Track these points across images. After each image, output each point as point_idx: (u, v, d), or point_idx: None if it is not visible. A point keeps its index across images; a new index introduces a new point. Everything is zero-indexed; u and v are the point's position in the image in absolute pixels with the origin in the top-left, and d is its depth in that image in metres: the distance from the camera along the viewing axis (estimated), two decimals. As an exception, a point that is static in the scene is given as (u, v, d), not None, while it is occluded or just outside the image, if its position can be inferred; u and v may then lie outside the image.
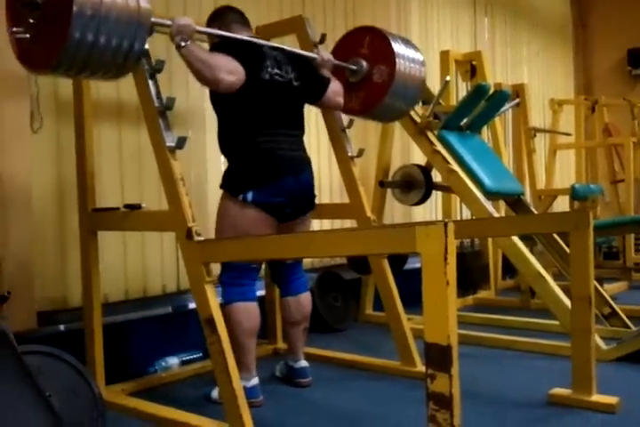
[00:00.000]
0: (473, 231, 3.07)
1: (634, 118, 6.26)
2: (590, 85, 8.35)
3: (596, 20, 8.34)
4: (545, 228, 3.00)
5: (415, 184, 3.93)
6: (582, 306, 2.48)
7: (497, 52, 6.57)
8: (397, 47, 2.90)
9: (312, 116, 4.13)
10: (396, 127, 3.95)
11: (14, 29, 2.00)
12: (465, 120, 3.77)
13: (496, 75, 5.92)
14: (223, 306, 2.48)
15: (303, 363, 2.88)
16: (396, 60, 2.87)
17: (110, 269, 3.02)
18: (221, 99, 2.54)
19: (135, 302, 3.20)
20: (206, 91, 3.54)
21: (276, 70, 2.59)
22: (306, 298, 2.87)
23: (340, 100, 2.84)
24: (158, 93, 2.27)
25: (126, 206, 2.52)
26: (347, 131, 3.06)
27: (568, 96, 7.34)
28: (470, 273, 4.91)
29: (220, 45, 2.50)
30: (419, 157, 4.35)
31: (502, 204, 4.37)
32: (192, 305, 3.01)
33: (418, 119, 3.55)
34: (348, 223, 3.14)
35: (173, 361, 3.10)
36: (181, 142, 2.24)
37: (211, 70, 2.29)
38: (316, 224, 4.05)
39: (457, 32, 5.96)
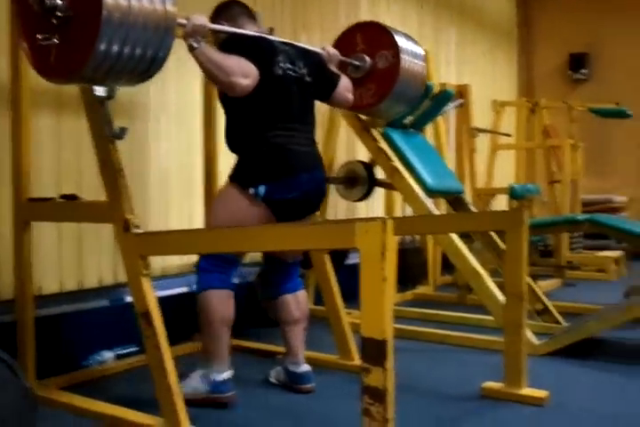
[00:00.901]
0: (413, 228, 3.11)
1: (572, 121, 6.44)
2: (532, 87, 8.55)
3: (540, 22, 8.52)
4: (482, 226, 3.07)
5: (358, 180, 3.97)
6: (515, 302, 2.55)
7: (442, 52, 6.66)
8: (396, 34, 3.05)
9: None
10: (342, 124, 3.97)
11: (39, 36, 1.90)
12: (409, 118, 3.82)
13: (441, 74, 6.00)
14: (198, 292, 2.47)
15: (305, 367, 2.72)
16: (398, 44, 3.00)
17: (44, 260, 2.95)
18: (232, 97, 2.44)
19: (70, 294, 3.13)
20: (150, 82, 3.54)
21: (289, 65, 2.53)
22: (304, 296, 2.81)
23: (351, 96, 2.80)
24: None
25: (62, 197, 2.47)
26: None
27: (511, 97, 7.51)
28: (410, 269, 4.98)
29: (229, 42, 2.44)
30: (363, 154, 4.39)
31: (443, 202, 4.44)
32: (129, 298, 2.96)
33: (363, 116, 3.57)
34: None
35: (108, 355, 3.04)
36: (122, 132, 2.19)
37: (225, 74, 2.25)
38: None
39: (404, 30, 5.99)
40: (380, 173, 4.01)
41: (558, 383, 2.72)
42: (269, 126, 2.47)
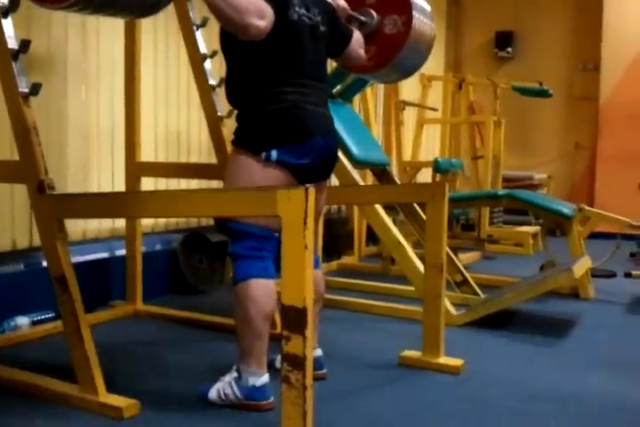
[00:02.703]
0: (338, 198, 3.13)
1: (496, 98, 6.56)
2: (459, 64, 8.65)
3: (469, 0, 8.61)
4: (405, 197, 3.11)
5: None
6: (434, 273, 2.59)
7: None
8: None
9: (183, 73, 4.02)
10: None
11: None
12: (337, 88, 3.79)
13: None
14: (237, 282, 2.12)
15: (319, 352, 2.44)
16: (412, 9, 2.65)
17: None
18: (237, 41, 2.11)
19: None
20: (69, 38, 3.40)
21: (304, 11, 2.22)
22: (320, 275, 2.46)
23: (363, 52, 2.53)
24: (13, 34, 2.10)
25: (-27, 155, 2.35)
26: (216, 90, 2.98)
27: (438, 72, 7.57)
28: (335, 239, 5.01)
29: None
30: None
31: (369, 173, 4.46)
32: (45, 263, 2.87)
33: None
34: (215, 184, 3.10)
35: (23, 321, 2.95)
36: (36, 89, 2.09)
37: (239, 14, 1.97)
38: (183, 184, 3.96)
39: None
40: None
41: (474, 352, 2.79)
42: (280, 80, 2.17)
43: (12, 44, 2.09)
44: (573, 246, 4.04)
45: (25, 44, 2.10)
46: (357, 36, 2.51)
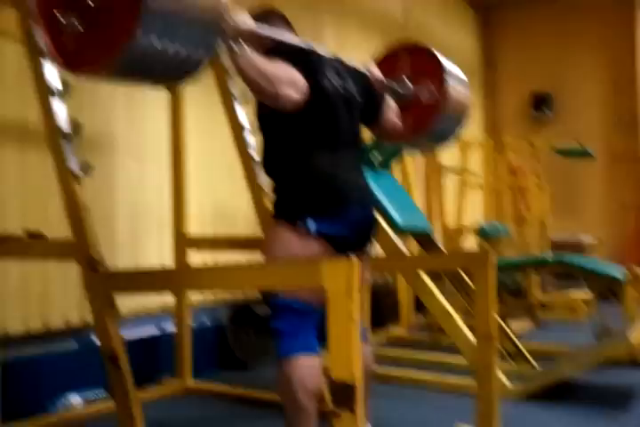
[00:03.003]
0: (383, 267, 3.11)
1: (537, 161, 6.54)
2: (497, 126, 8.70)
3: (504, 63, 8.73)
4: (451, 265, 3.07)
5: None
6: (486, 344, 2.52)
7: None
8: (446, 63, 2.74)
9: (227, 146, 4.12)
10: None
11: (63, 20, 1.66)
12: (377, 157, 3.85)
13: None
14: (281, 359, 2.07)
15: None
16: (447, 78, 2.67)
17: (9, 300, 2.88)
18: (271, 111, 2.12)
19: (36, 335, 3.05)
20: (117, 115, 3.54)
21: (338, 80, 2.22)
22: (369, 349, 2.37)
23: (399, 122, 2.52)
24: (65, 117, 2.20)
25: (28, 234, 2.42)
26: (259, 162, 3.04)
27: (477, 137, 7.62)
28: (382, 310, 4.94)
29: (273, 49, 2.13)
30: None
31: (412, 240, 4.44)
32: (96, 340, 2.89)
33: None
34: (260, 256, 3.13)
35: (75, 399, 2.95)
36: (87, 168, 2.17)
37: (271, 84, 1.97)
38: (230, 256, 4.00)
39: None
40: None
41: None
42: (315, 151, 2.16)
43: (65, 126, 2.18)
44: (628, 311, 3.91)
45: (77, 126, 2.20)
46: (393, 106, 2.51)
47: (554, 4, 8.18)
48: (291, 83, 2.03)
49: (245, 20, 1.96)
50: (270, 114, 2.13)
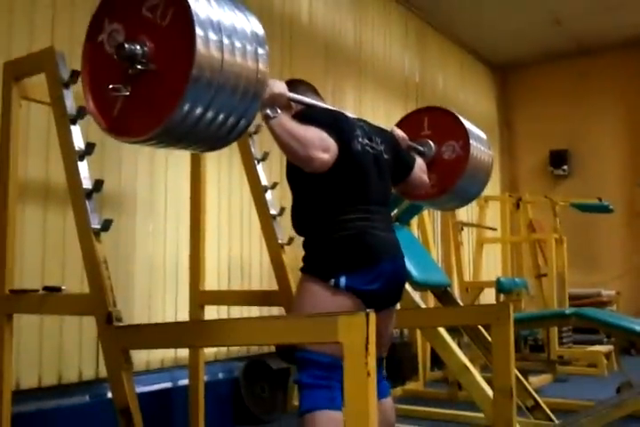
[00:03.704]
0: (400, 322, 3.08)
1: (555, 215, 6.54)
2: (515, 183, 8.75)
3: (520, 122, 8.86)
4: (469, 320, 3.05)
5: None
6: (504, 398, 2.48)
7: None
8: (467, 124, 2.82)
9: (245, 203, 4.18)
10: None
11: (111, 86, 1.72)
12: (395, 212, 3.87)
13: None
14: (304, 414, 2.04)
15: None
16: (469, 137, 2.75)
17: (23, 352, 2.89)
18: (303, 172, 2.15)
19: (49, 389, 3.04)
20: (138, 175, 3.62)
21: (367, 141, 2.30)
22: (391, 404, 2.35)
23: (426, 178, 2.58)
24: (87, 175, 2.26)
25: (45, 288, 2.44)
26: (277, 218, 3.09)
27: (494, 193, 7.66)
28: (399, 364, 4.88)
29: (306, 114, 2.20)
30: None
31: (430, 295, 4.42)
32: (109, 394, 2.88)
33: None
34: (276, 310, 3.13)
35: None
36: (107, 225, 2.21)
37: (303, 147, 2.03)
38: (245, 311, 4.00)
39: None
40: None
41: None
42: (346, 208, 2.20)
43: (87, 184, 2.24)
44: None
45: (98, 184, 2.25)
46: (420, 163, 2.58)
47: (570, 63, 8.33)
48: (322, 146, 2.08)
49: (281, 87, 2.07)
50: (302, 173, 2.17)
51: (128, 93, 1.72)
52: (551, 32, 7.62)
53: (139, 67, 1.68)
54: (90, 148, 2.28)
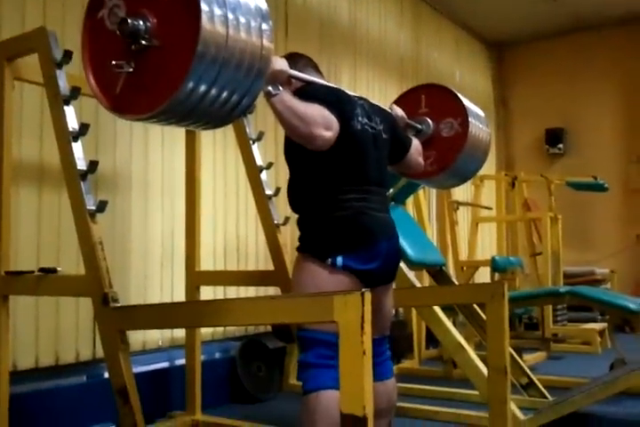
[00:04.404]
0: (396, 301, 3.10)
1: (550, 194, 6.55)
2: (511, 162, 8.74)
3: (516, 100, 8.83)
4: (463, 298, 3.07)
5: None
6: (498, 376, 2.51)
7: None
8: (465, 101, 2.80)
9: (240, 183, 4.18)
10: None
11: (114, 63, 1.68)
12: (390, 192, 3.86)
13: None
14: (308, 393, 2.04)
15: None
16: (467, 112, 2.75)
17: (20, 334, 2.90)
18: (302, 149, 2.14)
19: (46, 369, 3.06)
20: (133, 156, 3.61)
21: (366, 120, 2.28)
22: (394, 385, 2.40)
23: (422, 160, 2.58)
24: (82, 156, 2.25)
25: (41, 270, 2.45)
26: (272, 199, 3.08)
27: (490, 171, 7.65)
28: (394, 343, 4.90)
29: (307, 91, 2.17)
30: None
31: (426, 275, 4.44)
32: (106, 374, 2.90)
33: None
34: (272, 291, 3.14)
35: (85, 434, 2.95)
36: (102, 206, 2.20)
37: (305, 124, 2.01)
38: (242, 291, 4.02)
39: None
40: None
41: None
42: (343, 187, 2.19)
43: (81, 165, 2.23)
44: (644, 343, 3.87)
45: (93, 165, 2.24)
46: (416, 144, 2.57)
47: (566, 40, 8.28)
48: (324, 123, 2.07)
49: (282, 64, 2.06)
50: (301, 151, 2.16)
51: (131, 70, 1.69)
52: (548, 8, 7.55)
53: (142, 42, 1.64)
54: (84, 128, 2.26)
